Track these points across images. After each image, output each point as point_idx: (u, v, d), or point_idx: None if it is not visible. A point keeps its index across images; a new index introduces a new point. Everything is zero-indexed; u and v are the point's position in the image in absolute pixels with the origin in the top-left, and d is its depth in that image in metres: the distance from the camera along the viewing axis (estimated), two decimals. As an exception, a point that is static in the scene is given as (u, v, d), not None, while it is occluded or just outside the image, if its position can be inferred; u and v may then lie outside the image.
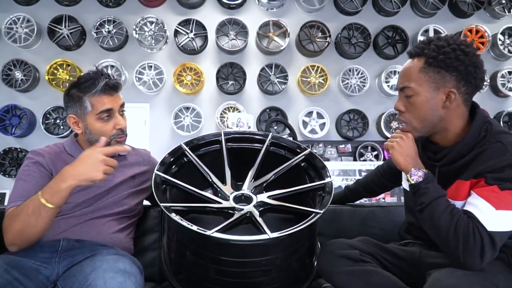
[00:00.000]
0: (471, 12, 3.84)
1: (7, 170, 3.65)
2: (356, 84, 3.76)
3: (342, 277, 1.20)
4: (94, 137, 1.44)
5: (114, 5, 3.73)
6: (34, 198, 1.22)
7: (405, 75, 1.21)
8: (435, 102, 1.18)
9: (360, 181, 1.67)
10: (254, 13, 3.83)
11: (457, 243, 1.04)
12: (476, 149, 1.15)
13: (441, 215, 1.08)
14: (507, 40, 3.88)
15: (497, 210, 1.05)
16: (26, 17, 3.59)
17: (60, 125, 3.68)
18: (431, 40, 1.19)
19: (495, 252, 1.06)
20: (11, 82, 3.59)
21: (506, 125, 3.86)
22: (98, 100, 1.43)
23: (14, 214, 1.24)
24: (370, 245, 1.32)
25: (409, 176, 1.16)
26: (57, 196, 1.19)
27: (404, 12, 3.83)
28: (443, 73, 1.16)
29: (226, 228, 1.20)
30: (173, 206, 1.26)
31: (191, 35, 3.70)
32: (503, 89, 3.84)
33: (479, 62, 1.19)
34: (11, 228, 1.23)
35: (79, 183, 1.20)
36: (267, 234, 1.12)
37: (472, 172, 1.12)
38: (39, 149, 1.48)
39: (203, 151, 1.53)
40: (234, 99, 3.78)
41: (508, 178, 1.06)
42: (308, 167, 1.47)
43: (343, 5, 3.75)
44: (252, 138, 1.54)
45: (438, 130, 1.22)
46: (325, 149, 3.81)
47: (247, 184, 1.41)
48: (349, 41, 3.77)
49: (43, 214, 1.19)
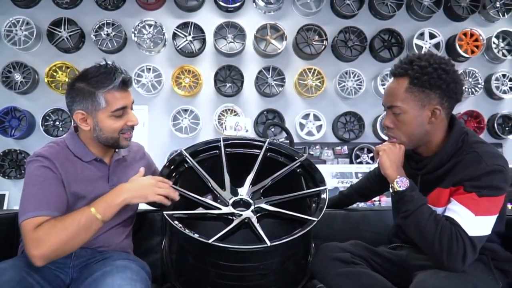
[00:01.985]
0: (466, 16, 3.99)
1: (7, 171, 3.77)
2: (353, 86, 3.91)
3: (334, 278, 1.33)
4: (104, 134, 1.41)
5: (113, 8, 3.86)
6: (85, 211, 1.24)
7: (392, 95, 1.32)
8: (422, 118, 1.29)
9: (354, 186, 1.79)
10: (251, 16, 3.96)
11: (441, 248, 1.17)
12: (454, 158, 1.28)
13: (426, 222, 1.20)
14: (502, 43, 4.03)
15: (476, 216, 1.17)
16: (26, 19, 3.71)
17: (59, 126, 3.80)
18: (413, 60, 1.31)
19: (475, 255, 1.19)
20: (10, 84, 3.71)
21: (501, 127, 4.01)
22: (113, 97, 1.37)
23: (56, 226, 1.20)
24: (361, 248, 1.44)
25: (395, 183, 1.28)
26: (110, 210, 1.26)
27: (399, 15, 3.98)
28: (427, 92, 1.27)
29: (226, 235, 1.29)
30: (176, 213, 1.34)
31: (189, 38, 3.83)
32: (497, 92, 3.98)
33: (459, 77, 1.31)
34: (51, 240, 1.18)
35: (133, 200, 1.28)
36: (265, 243, 1.21)
37: (452, 180, 1.25)
38: (44, 151, 1.39)
39: (202, 156, 1.60)
40: (232, 101, 3.92)
41: (485, 185, 1.19)
42: (304, 173, 1.55)
43: (339, 8, 3.89)
44: (250, 144, 1.62)
45: (423, 142, 1.34)
46: (321, 151, 3.95)
47: (245, 189, 1.50)
48: (345, 44, 3.92)
49: (93, 227, 1.24)
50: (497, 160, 1.20)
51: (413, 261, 1.34)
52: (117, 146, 1.47)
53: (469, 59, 4.01)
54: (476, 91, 3.97)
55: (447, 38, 4.01)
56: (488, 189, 1.17)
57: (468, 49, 3.94)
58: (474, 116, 3.98)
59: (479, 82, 3.96)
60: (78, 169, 1.42)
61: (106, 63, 1.42)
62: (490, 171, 1.18)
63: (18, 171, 3.77)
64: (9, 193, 3.79)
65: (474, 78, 3.98)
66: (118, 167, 1.53)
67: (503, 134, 3.99)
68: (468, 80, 3.98)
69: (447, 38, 4.01)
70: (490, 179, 1.17)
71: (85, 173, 1.43)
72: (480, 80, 3.97)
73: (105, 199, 1.27)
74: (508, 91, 4.00)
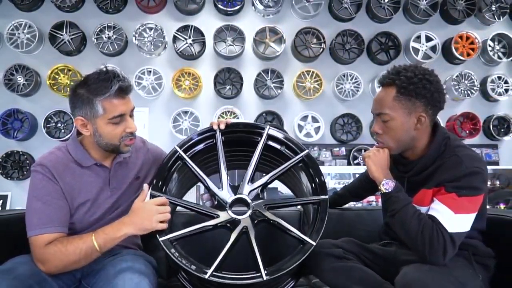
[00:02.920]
0: (462, 19, 4.11)
1: (9, 173, 3.88)
2: (350, 89, 4.03)
3: (328, 272, 1.45)
4: (104, 140, 1.46)
5: (114, 11, 3.98)
6: (87, 241, 1.33)
7: (380, 103, 1.45)
8: (408, 125, 1.42)
9: (347, 186, 1.92)
10: (250, 20, 4.09)
11: (423, 243, 1.29)
12: (438, 161, 1.40)
13: (410, 220, 1.32)
14: (497, 46, 4.15)
15: (456, 214, 1.30)
16: (28, 23, 3.82)
17: (61, 128, 3.91)
18: (400, 71, 1.43)
19: (455, 250, 1.31)
20: (13, 86, 3.82)
21: (496, 128, 4.14)
22: (111, 104, 1.42)
23: (60, 251, 1.32)
24: (353, 245, 1.56)
25: (382, 185, 1.41)
26: (110, 243, 1.35)
27: (396, 18, 4.10)
28: (413, 100, 1.40)
29: (224, 257, 1.33)
30: (172, 236, 1.39)
31: (189, 41, 3.95)
32: (493, 94, 4.11)
33: (441, 87, 1.44)
34: (57, 263, 1.33)
35: (135, 232, 1.36)
36: (261, 277, 1.26)
37: (434, 182, 1.38)
38: (46, 160, 1.46)
39: (197, 149, 1.57)
40: (231, 103, 4.04)
41: (464, 186, 1.31)
42: (306, 169, 1.52)
43: (337, 12, 4.01)
44: (249, 131, 1.57)
45: (410, 147, 1.46)
46: (320, 152, 4.07)
47: (244, 187, 1.52)
48: (343, 47, 4.04)
49: (93, 256, 1.35)
50: (476, 163, 1.32)
51: (400, 256, 1.46)
52: (118, 152, 1.52)
53: (465, 62, 4.14)
54: (472, 93, 4.09)
55: (444, 41, 4.13)
56: (467, 189, 1.29)
57: (464, 52, 4.06)
58: (470, 117, 4.10)
59: (475, 84, 4.09)
60: (77, 176, 1.49)
61: (106, 70, 1.46)
62: (469, 173, 1.30)
63: (20, 172, 3.88)
64: (12, 194, 3.90)
65: (470, 80, 4.10)
66: (119, 170, 1.58)
67: (498, 136, 4.11)
68: (464, 83, 4.10)
69: (444, 41, 4.13)
70: (469, 180, 1.29)
71: (84, 179, 1.50)
72: (476, 83, 4.09)
73: (107, 231, 1.36)
74: (504, 93, 4.12)
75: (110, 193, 1.54)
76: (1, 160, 3.85)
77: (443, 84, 4.11)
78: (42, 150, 3.78)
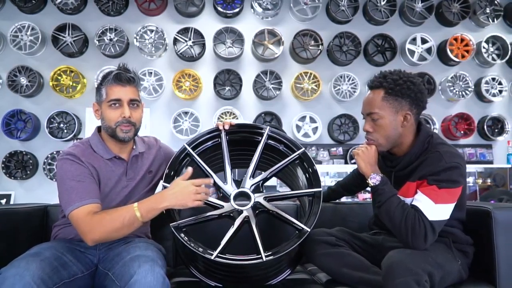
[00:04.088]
0: (457, 21, 4.30)
1: (13, 172, 4.04)
2: (347, 90, 4.21)
3: (321, 258, 1.62)
4: (106, 124, 1.64)
5: (115, 14, 4.15)
6: (130, 210, 1.46)
7: (370, 104, 1.62)
8: (396, 123, 1.59)
9: (340, 182, 2.10)
10: (250, 22, 4.27)
11: (406, 230, 1.46)
12: (421, 157, 1.58)
13: (395, 210, 1.50)
14: (491, 48, 4.35)
15: (436, 204, 1.47)
16: (31, 25, 4.00)
17: (63, 129, 4.07)
18: (386, 75, 1.61)
19: (435, 236, 1.48)
20: (16, 87, 3.99)
21: (490, 129, 4.33)
22: (111, 89, 1.62)
23: (105, 218, 1.45)
24: (344, 233, 1.74)
25: (369, 179, 1.58)
26: (152, 213, 1.48)
27: (393, 21, 4.29)
28: (400, 100, 1.58)
29: (228, 242, 1.48)
30: (181, 222, 1.54)
31: (189, 43, 4.12)
32: (487, 95, 4.30)
33: (423, 89, 1.62)
34: (102, 229, 1.45)
35: (173, 206, 1.49)
36: (261, 257, 1.42)
37: (418, 175, 1.55)
38: (72, 150, 1.63)
39: (204, 146, 1.72)
40: (231, 104, 4.21)
41: (444, 179, 1.48)
42: (302, 165, 1.67)
43: (334, 14, 4.20)
44: (250, 131, 1.72)
45: (397, 144, 1.64)
46: (317, 152, 4.25)
47: (246, 181, 1.66)
48: (340, 49, 4.22)
49: (135, 225, 1.48)
50: (455, 159, 1.49)
51: (387, 243, 1.63)
52: (116, 137, 1.67)
53: (460, 63, 4.33)
54: (467, 94, 4.27)
55: (439, 43, 4.32)
56: (446, 182, 1.47)
57: (458, 54, 4.25)
58: (465, 118, 4.29)
59: (470, 85, 4.27)
60: (101, 165, 1.67)
61: (120, 65, 1.69)
62: (449, 167, 1.47)
63: (23, 171, 4.05)
64: (15, 193, 4.06)
65: (464, 81, 4.29)
66: (135, 162, 1.75)
67: (492, 136, 4.30)
68: (459, 84, 4.29)
69: (439, 43, 4.32)
70: (449, 174, 1.47)
71: (106, 168, 1.67)
72: (470, 84, 4.27)
73: (148, 203, 1.48)
74: (498, 94, 4.31)
75: (126, 183, 1.71)
76: (4, 159, 4.01)
77: (439, 85, 4.31)
78: (45, 150, 4.04)
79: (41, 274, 1.32)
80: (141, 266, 1.37)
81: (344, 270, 1.54)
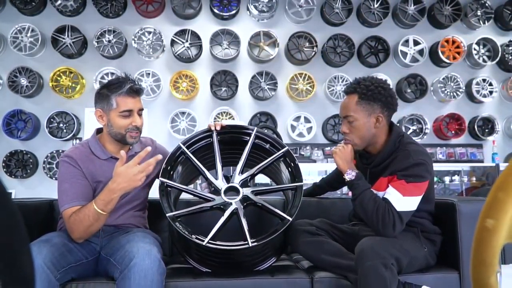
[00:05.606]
0: (449, 24, 4.51)
1: (13, 171, 4.24)
2: (341, 90, 4.42)
3: (302, 245, 1.84)
4: (114, 130, 1.82)
5: (114, 16, 4.36)
6: (91, 209, 1.64)
7: (346, 108, 1.84)
8: (369, 124, 1.80)
9: (325, 179, 2.32)
10: (245, 24, 4.48)
11: (377, 220, 1.67)
12: (393, 155, 1.79)
13: (368, 202, 1.71)
14: (482, 50, 4.56)
15: (404, 196, 1.68)
16: (31, 27, 4.20)
17: (63, 128, 4.28)
18: (360, 81, 1.82)
19: (403, 225, 1.69)
20: (16, 88, 4.20)
21: (481, 129, 4.54)
22: (123, 100, 1.79)
23: (76, 220, 1.65)
24: (324, 224, 1.96)
25: (346, 175, 1.80)
26: (110, 204, 1.67)
27: (386, 23, 4.50)
28: (372, 104, 1.79)
29: (218, 230, 1.69)
30: (177, 213, 1.74)
31: (186, 45, 4.33)
32: (477, 96, 4.51)
33: (394, 93, 1.84)
34: (77, 229, 1.67)
35: (125, 191, 1.68)
36: (248, 243, 1.62)
37: (389, 171, 1.77)
38: (71, 152, 1.84)
39: (198, 146, 1.91)
40: (227, 104, 4.42)
41: (411, 174, 1.69)
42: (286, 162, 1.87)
43: (329, 16, 4.41)
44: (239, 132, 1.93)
45: (371, 143, 1.85)
46: (312, 151, 4.47)
47: (235, 177, 1.86)
48: (334, 51, 4.43)
49: (101, 218, 1.68)
50: (421, 156, 1.71)
51: (362, 232, 1.84)
52: (125, 142, 1.87)
53: (451, 65, 4.54)
54: (458, 95, 4.49)
55: (431, 45, 4.52)
56: (413, 177, 1.68)
57: (450, 55, 4.46)
58: (456, 118, 4.50)
59: (461, 86, 4.49)
60: (96, 165, 1.87)
61: (124, 75, 1.90)
62: (416, 163, 1.69)
63: (24, 170, 4.26)
64: (16, 191, 4.26)
65: (455, 82, 4.50)
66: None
67: (483, 136, 4.51)
68: (450, 85, 4.50)
69: (431, 45, 4.52)
70: (416, 170, 1.68)
71: (103, 168, 1.87)
72: (461, 85, 4.48)
73: (102, 197, 1.65)
74: (488, 95, 4.52)
75: None
76: (5, 159, 4.21)
77: (431, 86, 4.53)
78: (45, 150, 4.26)
79: (51, 257, 1.53)
80: (139, 251, 1.57)
81: (323, 256, 1.76)
